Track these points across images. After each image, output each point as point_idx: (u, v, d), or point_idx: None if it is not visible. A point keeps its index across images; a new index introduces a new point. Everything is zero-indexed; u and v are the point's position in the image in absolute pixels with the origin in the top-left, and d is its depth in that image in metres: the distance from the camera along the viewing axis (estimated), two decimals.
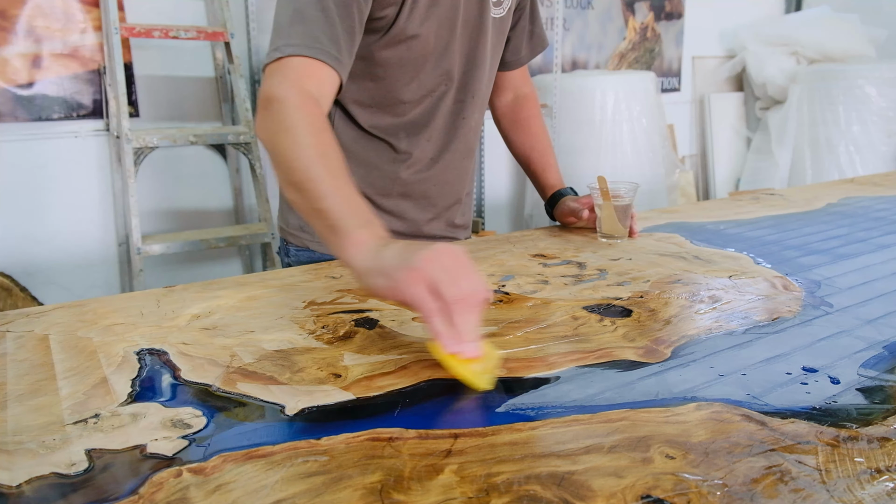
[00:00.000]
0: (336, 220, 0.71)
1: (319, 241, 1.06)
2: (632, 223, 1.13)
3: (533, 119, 1.25)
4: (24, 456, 0.49)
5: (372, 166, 1.08)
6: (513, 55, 1.21)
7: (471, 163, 1.18)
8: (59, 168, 2.27)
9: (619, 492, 0.45)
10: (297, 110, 0.80)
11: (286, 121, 0.79)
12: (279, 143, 0.78)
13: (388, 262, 0.64)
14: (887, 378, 0.62)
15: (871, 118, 3.62)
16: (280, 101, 0.80)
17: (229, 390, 0.60)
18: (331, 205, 0.72)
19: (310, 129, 0.78)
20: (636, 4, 3.79)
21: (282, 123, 0.79)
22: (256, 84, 2.60)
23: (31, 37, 2.17)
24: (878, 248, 1.08)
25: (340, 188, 0.74)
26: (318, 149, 0.77)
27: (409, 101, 1.04)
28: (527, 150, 1.24)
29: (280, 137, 0.78)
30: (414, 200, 1.11)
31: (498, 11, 1.08)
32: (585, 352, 0.68)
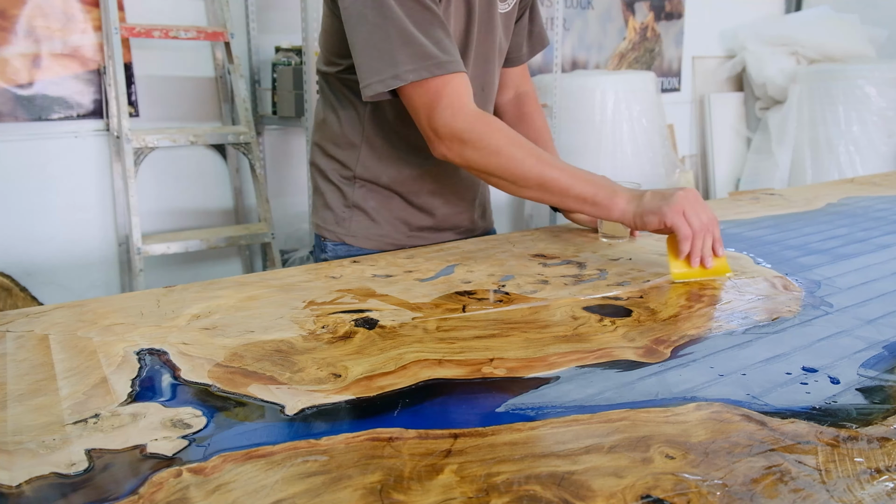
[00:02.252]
0: (593, 198, 0.94)
1: (354, 235, 1.14)
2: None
3: (535, 115, 1.28)
4: (24, 456, 0.49)
5: (401, 164, 1.12)
6: (514, 52, 1.23)
7: None
8: (59, 168, 2.27)
9: (619, 492, 0.45)
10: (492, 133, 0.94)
11: (492, 146, 0.94)
12: (499, 164, 0.95)
13: (653, 205, 0.91)
14: (887, 378, 0.62)
15: (871, 118, 3.62)
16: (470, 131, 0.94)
17: (229, 390, 0.60)
18: (580, 191, 0.94)
19: (513, 142, 0.95)
20: (636, 4, 3.79)
21: (489, 149, 0.94)
22: (257, 84, 2.60)
23: (31, 37, 2.17)
24: (878, 248, 1.08)
25: (576, 175, 0.95)
26: (532, 155, 0.95)
27: None
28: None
29: (496, 160, 0.94)
30: (442, 197, 1.16)
31: (504, 7, 1.11)
32: (585, 352, 0.68)
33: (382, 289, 0.88)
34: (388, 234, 1.14)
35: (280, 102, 2.46)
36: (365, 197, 1.13)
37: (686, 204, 0.90)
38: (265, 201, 2.43)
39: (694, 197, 0.91)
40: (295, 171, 2.74)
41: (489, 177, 0.97)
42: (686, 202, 0.90)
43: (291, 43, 2.50)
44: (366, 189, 1.13)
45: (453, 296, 0.85)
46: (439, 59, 0.92)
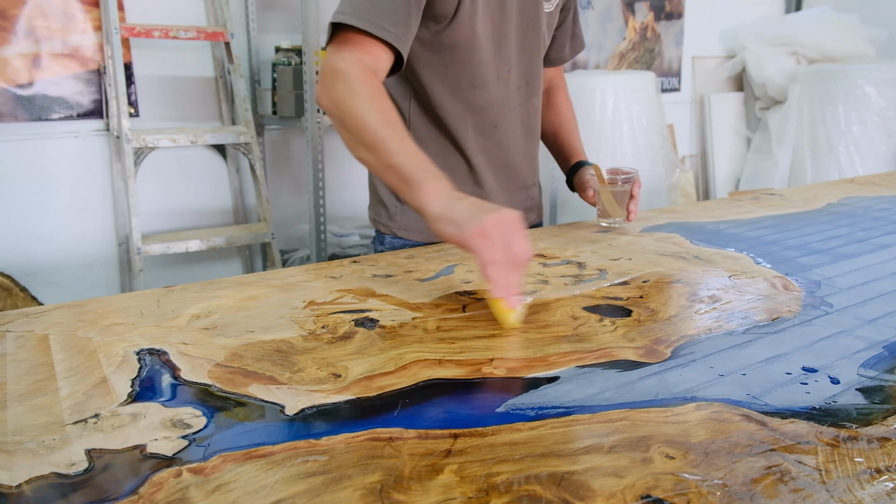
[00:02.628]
0: (409, 173, 0.85)
1: (406, 228, 1.19)
2: (630, 206, 1.18)
3: (563, 104, 1.36)
4: (24, 456, 0.49)
5: (448, 155, 1.16)
6: (557, 53, 1.31)
7: (535, 148, 1.27)
8: (59, 168, 2.27)
9: (619, 492, 0.45)
10: (361, 82, 0.92)
11: (353, 90, 0.91)
12: (348, 109, 0.91)
13: (460, 215, 0.78)
14: (887, 378, 0.62)
15: (871, 118, 3.62)
16: (345, 74, 0.92)
17: (229, 390, 0.60)
18: (402, 161, 0.86)
19: (373, 97, 0.91)
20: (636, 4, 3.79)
21: (349, 93, 0.91)
22: (257, 84, 2.60)
23: (31, 37, 2.17)
24: (878, 248, 1.08)
25: (407, 147, 0.88)
26: (383, 114, 0.90)
27: (478, 86, 1.12)
28: (555, 128, 1.34)
29: (348, 105, 0.91)
30: (487, 188, 1.19)
31: (548, 6, 1.17)
32: (585, 352, 0.68)
33: (382, 289, 0.88)
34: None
35: (280, 102, 2.46)
36: None
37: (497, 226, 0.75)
38: (265, 201, 2.43)
39: (511, 221, 0.77)
40: (295, 171, 2.74)
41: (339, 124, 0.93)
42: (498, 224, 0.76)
43: (291, 43, 2.50)
44: None
45: (453, 296, 0.85)
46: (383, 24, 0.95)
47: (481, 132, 1.15)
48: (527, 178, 1.25)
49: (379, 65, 0.97)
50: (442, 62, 1.09)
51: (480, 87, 1.12)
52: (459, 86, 1.11)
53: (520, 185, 1.24)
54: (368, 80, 0.93)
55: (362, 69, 0.93)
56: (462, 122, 1.13)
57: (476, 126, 1.14)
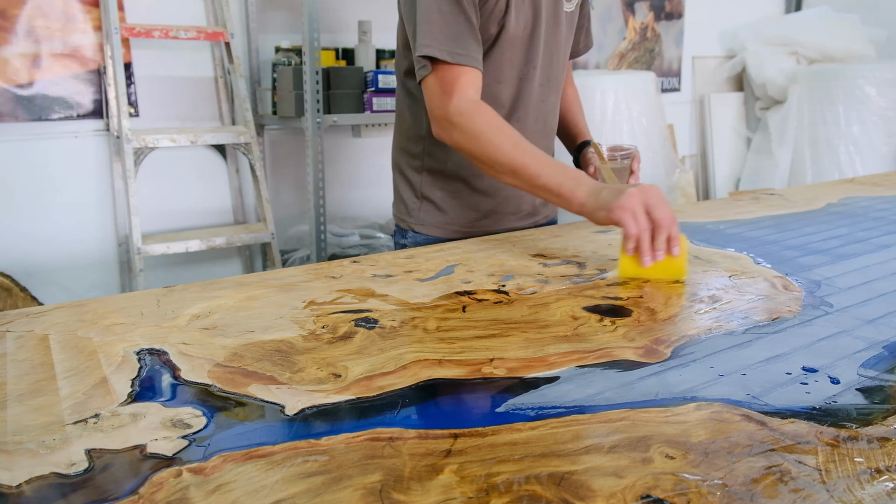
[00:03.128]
0: (557, 188, 0.97)
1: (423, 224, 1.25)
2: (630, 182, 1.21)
3: (569, 89, 1.42)
4: (24, 456, 0.49)
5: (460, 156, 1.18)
6: (573, 48, 1.36)
7: (552, 143, 1.32)
8: (59, 168, 2.27)
9: (619, 492, 0.45)
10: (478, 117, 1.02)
11: (474, 129, 1.01)
12: (477, 151, 1.02)
13: (605, 201, 0.91)
14: (887, 378, 0.62)
15: (871, 118, 3.62)
16: (461, 115, 1.02)
17: (229, 390, 0.60)
18: (547, 181, 0.98)
19: (495, 128, 1.01)
20: (636, 4, 3.79)
21: (472, 132, 1.02)
22: (257, 84, 2.60)
23: (31, 37, 2.17)
24: (878, 248, 1.08)
25: (546, 164, 0.99)
26: (511, 142, 1.01)
27: (503, 81, 1.16)
28: (562, 111, 1.39)
29: (476, 144, 1.02)
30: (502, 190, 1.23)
31: (569, 6, 1.22)
32: (585, 352, 0.68)
33: (382, 289, 0.88)
34: (455, 222, 1.24)
35: (280, 102, 2.46)
36: (432, 187, 1.23)
37: (636, 201, 0.89)
38: (265, 201, 2.43)
39: (649, 194, 0.89)
40: (295, 171, 2.74)
41: (473, 160, 1.05)
42: (636, 199, 0.89)
43: (291, 43, 2.50)
44: (433, 178, 1.23)
45: (453, 296, 0.85)
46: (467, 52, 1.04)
47: None
48: None
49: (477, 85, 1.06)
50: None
51: (504, 82, 1.16)
52: (486, 81, 1.14)
53: None
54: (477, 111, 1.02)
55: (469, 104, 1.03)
56: None
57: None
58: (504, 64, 1.15)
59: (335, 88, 2.40)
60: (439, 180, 1.22)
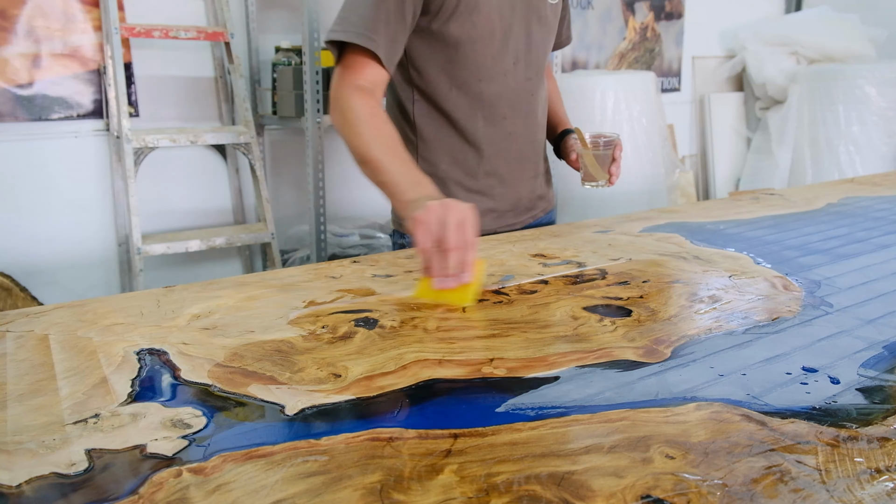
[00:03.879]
0: (394, 188, 0.96)
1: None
2: (612, 169, 1.21)
3: (549, 81, 1.40)
4: (24, 456, 0.49)
5: (456, 150, 1.20)
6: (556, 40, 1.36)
7: (543, 136, 1.32)
8: (59, 168, 2.27)
9: (619, 492, 0.45)
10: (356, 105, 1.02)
11: (348, 116, 1.02)
12: (345, 134, 1.02)
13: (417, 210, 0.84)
14: (887, 378, 0.62)
15: (871, 118, 3.62)
16: (340, 102, 1.03)
17: (229, 390, 0.60)
18: (389, 178, 0.97)
19: (365, 118, 1.01)
20: (636, 4, 3.79)
21: (346, 118, 1.02)
22: (257, 84, 2.60)
23: (31, 37, 2.17)
24: (878, 248, 1.08)
25: (393, 162, 0.98)
26: (375, 134, 1.00)
27: (484, 79, 1.16)
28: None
29: (345, 129, 1.02)
30: (498, 178, 1.23)
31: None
32: (585, 352, 0.68)
33: (382, 289, 0.88)
34: None
35: (280, 102, 2.46)
36: None
37: (433, 217, 0.81)
38: (265, 201, 2.43)
39: (451, 212, 0.81)
40: (295, 171, 2.74)
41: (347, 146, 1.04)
42: (434, 215, 0.81)
43: (291, 43, 2.50)
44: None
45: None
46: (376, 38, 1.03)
47: (491, 124, 1.18)
48: (536, 166, 1.29)
49: (375, 78, 1.06)
50: (448, 58, 1.13)
51: (487, 80, 1.15)
52: (466, 80, 1.14)
53: (530, 173, 1.28)
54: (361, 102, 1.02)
55: (356, 93, 1.03)
56: (471, 116, 1.17)
57: (485, 118, 1.18)
58: (485, 61, 1.14)
59: None
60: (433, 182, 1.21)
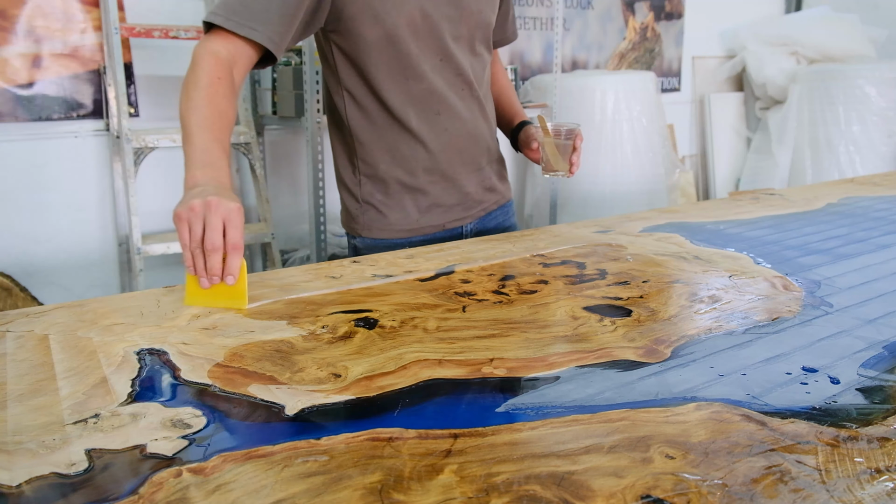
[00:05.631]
0: (187, 159, 0.91)
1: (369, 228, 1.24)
2: (573, 158, 1.21)
3: (499, 73, 1.42)
4: (24, 456, 0.49)
5: (393, 150, 1.20)
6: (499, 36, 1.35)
7: (485, 128, 1.29)
8: (59, 168, 2.27)
9: (619, 492, 0.45)
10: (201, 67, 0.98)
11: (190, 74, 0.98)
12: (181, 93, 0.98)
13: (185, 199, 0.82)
14: (887, 378, 0.62)
15: (871, 118, 3.62)
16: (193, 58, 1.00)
17: (229, 390, 0.60)
18: (188, 149, 0.92)
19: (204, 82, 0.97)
20: (636, 4, 3.79)
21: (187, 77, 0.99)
22: (257, 84, 2.60)
23: (31, 37, 2.17)
24: (878, 248, 1.08)
25: (201, 134, 0.93)
26: (203, 100, 0.96)
27: (412, 77, 1.15)
28: (495, 95, 1.39)
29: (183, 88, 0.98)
30: (439, 174, 1.23)
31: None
32: (585, 352, 0.68)
33: (382, 289, 0.88)
34: (398, 223, 1.23)
35: (280, 102, 2.46)
36: (371, 191, 1.23)
37: (196, 214, 0.78)
38: (265, 201, 2.43)
39: (215, 210, 0.79)
40: (295, 171, 2.74)
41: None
42: (197, 212, 0.78)
43: None
44: (370, 183, 1.22)
45: (453, 296, 0.85)
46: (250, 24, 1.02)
47: (424, 121, 1.18)
48: (479, 159, 1.28)
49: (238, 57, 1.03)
50: (372, 59, 1.13)
51: (414, 77, 1.15)
52: (396, 78, 1.15)
53: (473, 167, 1.27)
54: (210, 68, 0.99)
55: (212, 58, 0.99)
56: (404, 114, 1.17)
57: (418, 116, 1.18)
58: (409, 59, 1.13)
59: None
60: (377, 184, 1.22)
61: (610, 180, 3.17)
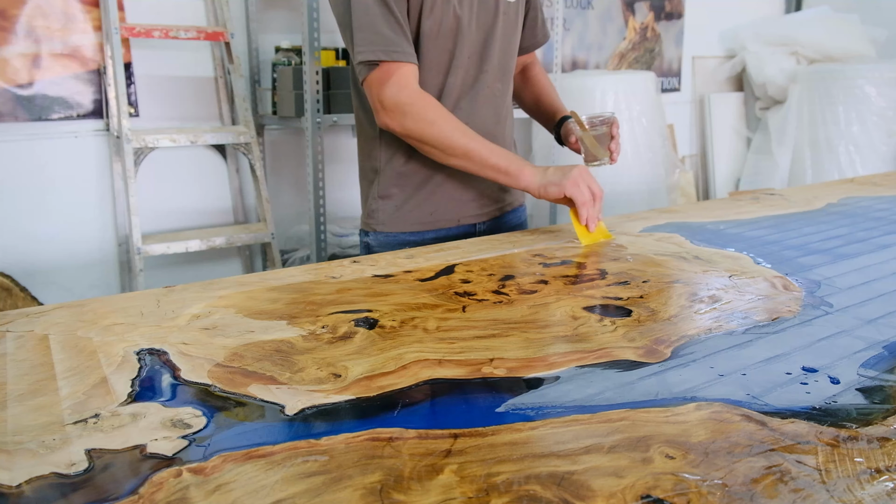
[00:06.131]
0: (506, 168, 1.13)
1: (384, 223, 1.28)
2: (611, 147, 1.23)
3: (539, 74, 1.47)
4: (24, 456, 0.49)
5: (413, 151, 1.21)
6: (528, 41, 1.40)
7: (503, 130, 1.32)
8: (59, 168, 2.27)
9: (619, 492, 0.45)
10: (426, 108, 1.11)
11: (428, 117, 1.11)
12: (428, 135, 1.12)
13: (555, 177, 1.11)
14: (887, 378, 0.62)
15: (871, 118, 3.62)
16: (411, 104, 1.11)
17: (229, 390, 0.60)
18: (497, 161, 1.13)
19: (446, 117, 1.13)
20: (636, 4, 3.79)
21: (426, 119, 1.11)
22: (257, 84, 2.60)
23: (31, 37, 2.17)
24: (878, 248, 1.08)
25: (494, 149, 1.13)
26: (460, 129, 1.13)
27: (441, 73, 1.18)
28: (536, 95, 1.45)
29: (427, 131, 1.12)
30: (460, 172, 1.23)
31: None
32: (585, 352, 0.68)
33: (382, 289, 0.88)
34: (414, 215, 1.25)
35: (280, 102, 2.46)
36: (388, 185, 1.25)
37: (580, 178, 1.09)
38: (265, 201, 2.43)
39: (584, 172, 1.11)
40: (295, 171, 2.74)
41: (423, 145, 1.14)
42: (581, 177, 1.09)
43: (291, 43, 2.50)
44: (390, 177, 1.24)
45: (453, 296, 0.85)
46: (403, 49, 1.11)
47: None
48: None
49: (416, 77, 1.14)
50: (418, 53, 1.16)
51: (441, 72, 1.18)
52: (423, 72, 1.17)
53: None
54: (425, 99, 1.12)
55: (417, 94, 1.11)
56: None
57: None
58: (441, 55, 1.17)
59: (335, 88, 2.40)
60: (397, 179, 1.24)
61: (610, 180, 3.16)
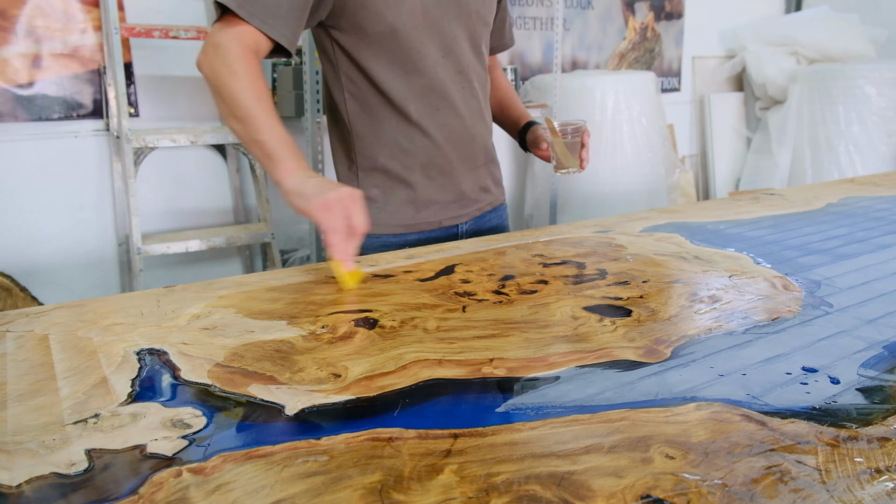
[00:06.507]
0: (272, 150, 0.96)
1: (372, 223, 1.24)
2: (582, 155, 1.23)
3: (501, 78, 1.44)
4: (24, 456, 0.49)
5: (392, 144, 1.19)
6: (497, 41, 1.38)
7: (483, 130, 1.29)
8: (59, 168, 2.27)
9: (618, 492, 0.45)
10: (239, 59, 0.99)
11: (231, 66, 0.98)
12: (225, 83, 0.98)
13: (309, 191, 0.92)
14: (887, 378, 0.62)
15: (871, 118, 3.62)
16: (225, 49, 0.99)
17: (229, 390, 0.60)
18: (267, 138, 0.96)
19: (249, 75, 0.99)
20: (636, 4, 3.79)
21: (227, 67, 0.98)
22: None
23: (31, 37, 2.17)
24: (878, 248, 1.08)
25: (274, 126, 0.97)
26: (256, 92, 0.98)
27: (410, 72, 1.16)
28: (500, 100, 1.42)
29: (225, 79, 0.98)
30: (437, 169, 1.22)
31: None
32: (585, 352, 0.68)
33: (382, 289, 0.88)
34: (395, 217, 1.23)
35: (280, 102, 2.46)
36: (368, 186, 1.22)
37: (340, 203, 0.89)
38: (265, 201, 2.43)
39: (354, 200, 0.90)
40: None
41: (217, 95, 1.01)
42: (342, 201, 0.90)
43: None
44: (368, 178, 1.22)
45: (453, 296, 0.85)
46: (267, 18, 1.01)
47: (425, 114, 1.19)
48: (476, 158, 1.28)
49: (259, 46, 1.03)
50: (374, 52, 1.13)
51: (415, 72, 1.16)
52: (397, 72, 1.15)
53: (470, 165, 1.27)
54: (247, 58, 1.00)
55: (242, 47, 1.00)
56: (406, 105, 1.17)
57: (418, 109, 1.18)
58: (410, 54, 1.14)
59: None
60: (374, 179, 1.22)
61: (610, 180, 3.17)
